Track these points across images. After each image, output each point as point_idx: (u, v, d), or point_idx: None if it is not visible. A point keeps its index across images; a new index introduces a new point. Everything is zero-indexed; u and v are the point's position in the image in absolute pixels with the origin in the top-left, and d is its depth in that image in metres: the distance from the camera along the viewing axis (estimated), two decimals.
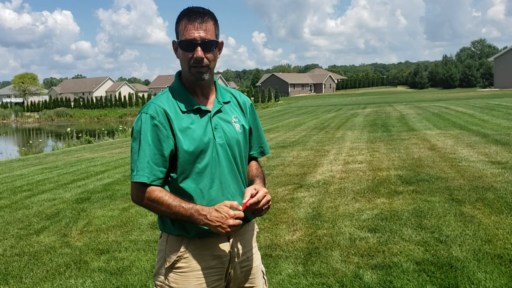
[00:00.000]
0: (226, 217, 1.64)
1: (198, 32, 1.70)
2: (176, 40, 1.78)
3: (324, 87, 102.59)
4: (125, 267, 3.94)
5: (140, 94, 72.90)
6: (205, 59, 1.72)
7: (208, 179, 1.75)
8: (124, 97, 65.57)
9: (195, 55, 1.71)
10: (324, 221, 4.77)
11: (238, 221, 1.65)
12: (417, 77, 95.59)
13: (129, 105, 64.45)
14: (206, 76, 1.76)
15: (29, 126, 53.44)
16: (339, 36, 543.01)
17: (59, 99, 70.72)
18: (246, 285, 1.91)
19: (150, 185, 1.70)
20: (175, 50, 1.80)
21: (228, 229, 1.64)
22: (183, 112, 1.76)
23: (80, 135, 26.83)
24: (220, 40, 1.80)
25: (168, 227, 1.79)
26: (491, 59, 64.17)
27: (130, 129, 28.34)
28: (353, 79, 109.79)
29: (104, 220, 5.42)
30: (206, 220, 1.65)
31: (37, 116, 64.67)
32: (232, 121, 1.85)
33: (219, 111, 1.83)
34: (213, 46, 1.74)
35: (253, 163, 1.99)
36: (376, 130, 13.66)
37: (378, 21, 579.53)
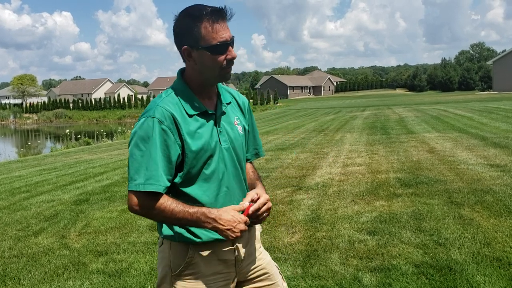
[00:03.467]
0: (237, 221, 1.59)
1: (225, 31, 1.61)
2: (187, 45, 1.63)
3: (323, 90, 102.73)
4: (123, 269, 3.93)
5: (139, 96, 72.83)
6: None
7: (215, 185, 1.69)
8: (123, 98, 65.60)
9: (229, 56, 1.63)
10: (323, 224, 4.77)
11: (246, 227, 1.61)
12: (416, 80, 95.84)
13: (128, 106, 64.48)
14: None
15: (27, 128, 53.37)
16: (339, 39, 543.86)
17: (58, 101, 70.69)
18: (266, 283, 1.86)
19: (159, 194, 1.60)
20: (188, 55, 1.66)
21: (238, 234, 1.59)
22: (189, 116, 1.66)
23: (78, 136, 26.80)
24: None
25: (172, 233, 1.70)
26: (489, 62, 64.28)
27: (129, 131, 28.33)
28: (352, 82, 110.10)
29: (103, 221, 5.41)
30: (215, 223, 1.58)
31: (36, 118, 64.59)
32: (235, 123, 1.79)
33: (223, 113, 1.75)
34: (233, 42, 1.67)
35: (249, 165, 1.92)
36: (375, 133, 13.67)
37: (377, 23, 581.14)
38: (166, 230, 1.72)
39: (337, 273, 3.54)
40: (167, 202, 1.59)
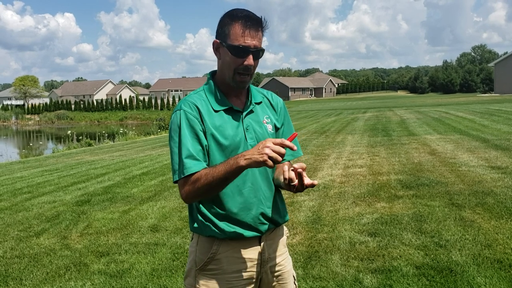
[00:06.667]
0: (261, 145, 1.52)
1: (253, 40, 1.68)
2: (219, 40, 1.73)
3: (325, 91, 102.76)
4: (125, 269, 3.95)
5: (141, 97, 72.88)
6: (252, 67, 1.71)
7: (239, 179, 1.70)
8: (125, 100, 65.69)
9: (246, 62, 1.68)
10: (324, 225, 4.78)
11: (277, 147, 1.49)
12: (418, 82, 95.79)
13: (130, 108, 64.55)
14: (247, 84, 1.76)
15: (29, 129, 53.40)
16: (340, 41, 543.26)
17: (59, 102, 70.88)
18: None
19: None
20: (216, 49, 1.75)
21: (266, 152, 1.48)
22: (215, 111, 1.74)
23: (80, 137, 26.82)
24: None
25: (199, 227, 1.76)
26: (491, 64, 64.35)
27: (130, 132, 28.36)
28: (354, 84, 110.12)
29: (104, 222, 5.42)
30: (243, 157, 1.54)
31: (38, 119, 64.64)
32: (264, 121, 1.83)
33: (251, 111, 1.81)
34: (261, 55, 1.73)
35: (287, 164, 1.86)
36: (376, 135, 13.67)
37: (379, 25, 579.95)
38: (194, 224, 1.78)
39: (338, 275, 3.55)
40: (200, 172, 1.64)
